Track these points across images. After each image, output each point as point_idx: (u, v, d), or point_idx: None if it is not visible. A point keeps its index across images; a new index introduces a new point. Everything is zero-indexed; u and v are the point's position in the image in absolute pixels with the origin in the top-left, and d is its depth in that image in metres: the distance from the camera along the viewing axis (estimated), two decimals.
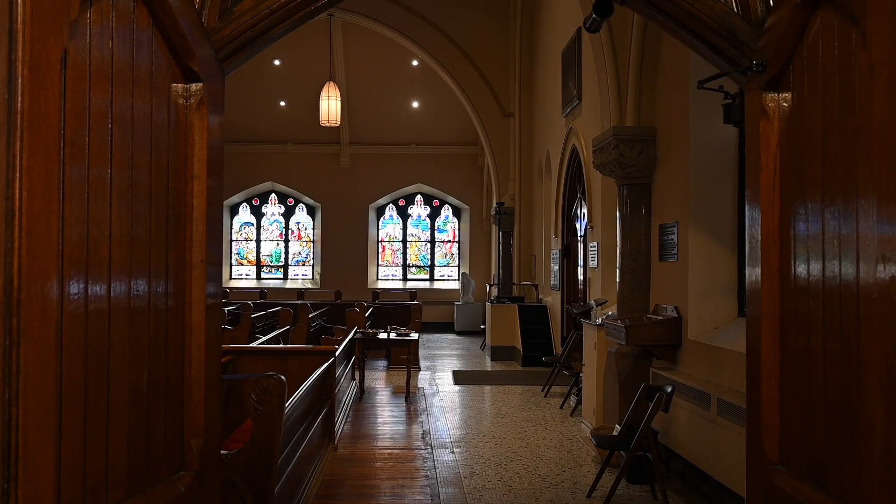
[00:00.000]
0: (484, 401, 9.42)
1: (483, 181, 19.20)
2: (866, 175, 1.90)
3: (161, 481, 2.15)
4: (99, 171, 1.80)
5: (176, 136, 2.27)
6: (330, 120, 14.53)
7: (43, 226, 1.52)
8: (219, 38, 2.53)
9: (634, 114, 6.94)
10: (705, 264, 5.93)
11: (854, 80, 1.99)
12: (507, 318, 13.09)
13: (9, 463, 1.43)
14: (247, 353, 6.76)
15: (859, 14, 1.92)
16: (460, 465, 6.20)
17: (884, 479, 1.82)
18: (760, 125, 2.53)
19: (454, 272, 20.23)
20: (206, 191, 2.38)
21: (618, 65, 7.11)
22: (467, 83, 14.97)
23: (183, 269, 2.32)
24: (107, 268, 1.83)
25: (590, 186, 9.60)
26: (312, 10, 2.78)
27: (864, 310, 1.92)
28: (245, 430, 4.73)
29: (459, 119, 17.81)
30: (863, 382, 1.93)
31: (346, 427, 7.67)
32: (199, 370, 2.36)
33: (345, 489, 5.58)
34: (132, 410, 1.98)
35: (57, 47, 1.56)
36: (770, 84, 2.50)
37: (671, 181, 6.46)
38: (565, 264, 11.43)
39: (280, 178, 19.66)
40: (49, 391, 1.54)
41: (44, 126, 1.52)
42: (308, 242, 20.27)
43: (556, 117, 11.69)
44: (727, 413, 4.83)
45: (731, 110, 4.71)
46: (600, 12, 5.25)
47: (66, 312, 1.64)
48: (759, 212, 2.54)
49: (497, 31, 15.12)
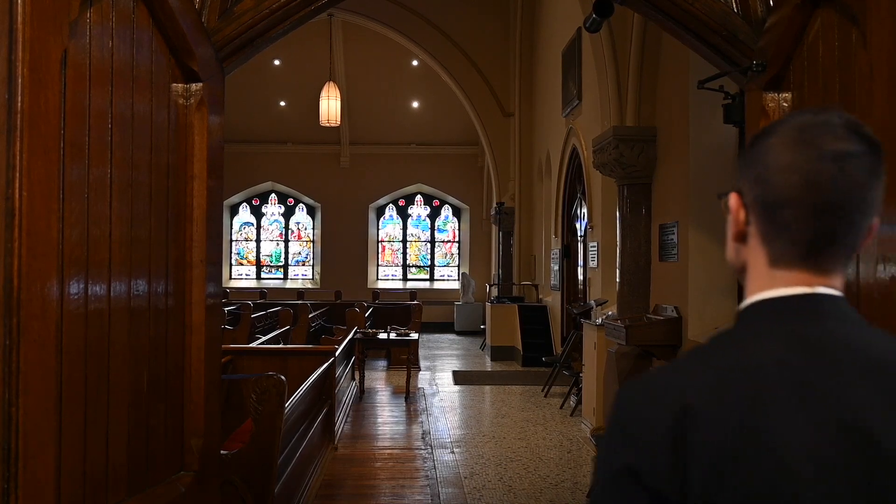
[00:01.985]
0: (484, 401, 9.42)
1: (483, 181, 19.19)
2: None
3: (161, 481, 2.15)
4: (99, 170, 1.80)
5: (176, 136, 2.27)
6: (330, 120, 14.52)
7: (43, 226, 1.52)
8: (219, 38, 2.53)
9: (634, 114, 6.94)
10: (705, 264, 5.93)
11: (854, 80, 1.99)
12: (507, 318, 13.09)
13: (9, 463, 1.43)
14: (247, 353, 6.76)
15: (859, 14, 1.92)
16: (460, 465, 6.20)
17: None
18: (761, 125, 2.53)
19: (454, 272, 20.23)
20: (206, 191, 2.38)
21: (618, 65, 7.11)
22: (467, 83, 14.96)
23: (183, 269, 2.32)
24: (107, 268, 1.83)
25: (590, 186, 9.60)
26: (312, 10, 2.78)
27: (864, 310, 1.92)
28: (245, 430, 4.73)
29: (459, 119, 17.80)
30: None
31: (346, 427, 7.67)
32: (199, 370, 2.36)
33: (345, 489, 5.58)
34: (132, 410, 1.98)
35: (57, 47, 1.56)
36: (770, 84, 2.50)
37: (671, 181, 6.46)
38: (565, 264, 11.43)
39: (280, 178, 19.66)
40: (49, 391, 1.54)
41: (44, 126, 1.52)
42: (308, 242, 20.26)
43: (556, 117, 11.69)
44: None
45: (731, 110, 4.70)
46: (600, 12, 5.25)
47: (66, 312, 1.64)
48: None
49: (497, 31, 15.11)
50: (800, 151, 0.89)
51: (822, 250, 0.90)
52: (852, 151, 0.88)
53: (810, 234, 0.90)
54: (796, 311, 0.90)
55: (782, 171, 0.90)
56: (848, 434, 0.81)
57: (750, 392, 0.84)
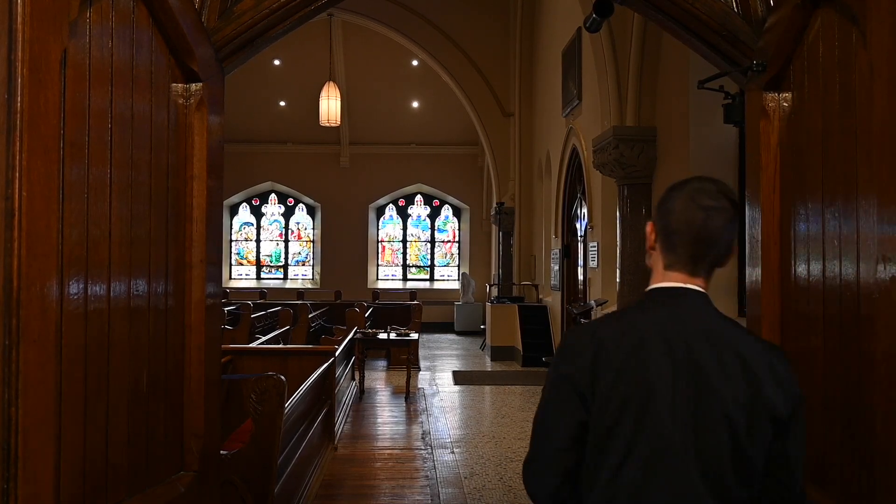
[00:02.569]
0: (484, 401, 9.42)
1: (483, 181, 19.19)
2: (866, 175, 1.90)
3: (161, 481, 2.15)
4: (99, 171, 1.80)
5: (176, 136, 2.27)
6: (330, 120, 14.52)
7: (43, 226, 1.52)
8: (219, 37, 2.53)
9: (634, 114, 6.94)
10: None
11: (854, 80, 1.99)
12: (507, 318, 13.09)
13: (9, 463, 1.43)
14: (247, 353, 6.76)
15: (859, 14, 1.92)
16: (460, 465, 6.20)
17: (884, 480, 1.82)
18: (760, 125, 2.53)
19: (454, 272, 20.23)
20: (206, 191, 2.37)
21: (618, 65, 7.11)
22: (467, 83, 14.95)
23: (183, 269, 2.32)
24: (106, 268, 1.83)
25: (590, 186, 9.60)
26: (312, 9, 2.78)
27: (864, 310, 1.92)
28: (245, 430, 4.73)
29: (459, 119, 17.80)
30: (863, 383, 1.93)
31: (346, 427, 7.67)
32: (199, 370, 2.36)
33: (345, 489, 5.58)
34: (132, 410, 1.98)
35: (57, 47, 1.56)
36: (770, 84, 2.50)
37: (671, 181, 6.45)
38: (565, 264, 11.43)
39: (280, 178, 19.66)
40: (49, 391, 1.54)
41: (44, 126, 1.52)
42: (308, 242, 20.26)
43: (556, 117, 11.69)
44: None
45: (731, 110, 4.71)
46: (600, 12, 5.25)
47: (65, 312, 1.64)
48: (760, 212, 2.54)
49: (497, 31, 15.10)
50: (687, 204, 1.49)
51: (695, 264, 1.50)
52: (717, 207, 1.47)
53: (688, 253, 1.49)
54: (674, 297, 1.50)
55: (676, 214, 1.50)
56: (688, 366, 1.42)
57: (637, 337, 1.45)
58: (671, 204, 1.51)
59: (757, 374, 1.41)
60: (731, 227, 1.48)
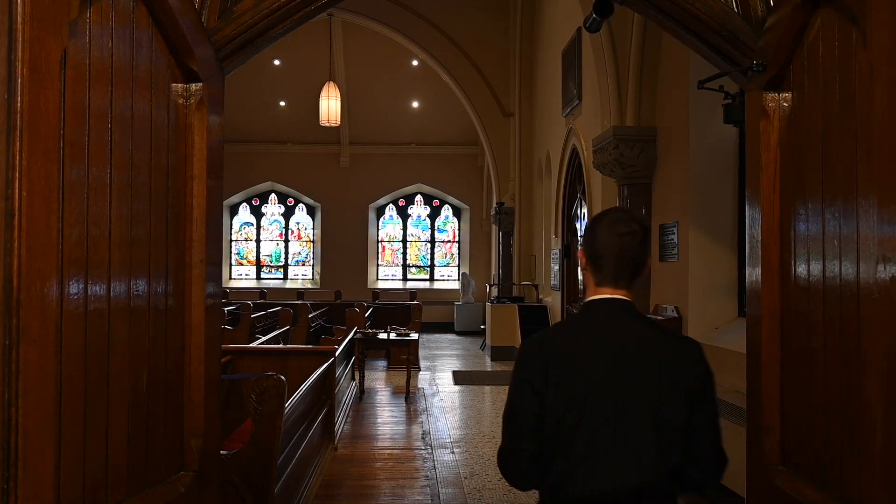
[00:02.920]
0: (484, 401, 9.42)
1: (483, 181, 19.19)
2: (866, 175, 1.89)
3: (161, 481, 2.15)
4: (98, 171, 1.80)
5: (176, 136, 2.27)
6: (330, 120, 14.52)
7: (43, 226, 1.52)
8: (219, 37, 2.53)
9: (634, 114, 6.94)
10: (705, 264, 5.92)
11: (854, 81, 1.99)
12: (507, 319, 13.09)
13: (9, 463, 1.43)
14: (247, 353, 6.76)
15: (859, 14, 1.92)
16: (460, 465, 6.20)
17: (884, 480, 1.82)
18: (760, 125, 2.53)
19: (454, 272, 20.23)
20: (206, 191, 2.37)
21: (618, 65, 7.11)
22: (467, 83, 14.95)
23: (183, 270, 2.32)
24: (106, 268, 1.83)
25: (590, 186, 9.60)
26: (312, 9, 2.78)
27: (864, 310, 1.92)
28: (245, 430, 4.73)
29: (459, 119, 17.80)
30: (863, 383, 1.93)
31: (346, 427, 7.67)
32: (199, 370, 2.36)
33: (345, 489, 5.58)
34: (132, 410, 1.98)
35: (57, 47, 1.56)
36: (770, 84, 2.50)
37: (671, 181, 6.46)
38: (565, 264, 11.42)
39: (280, 178, 19.66)
40: (49, 391, 1.54)
41: (43, 126, 1.52)
42: (308, 242, 20.26)
43: (556, 117, 11.69)
44: (727, 413, 4.83)
45: (731, 110, 4.71)
46: (600, 12, 5.25)
47: (65, 312, 1.64)
48: (760, 212, 2.54)
49: (497, 31, 15.10)
50: (607, 233, 1.88)
51: (617, 279, 1.89)
52: (629, 232, 1.87)
53: (612, 271, 1.89)
54: (605, 305, 1.90)
55: (599, 241, 1.89)
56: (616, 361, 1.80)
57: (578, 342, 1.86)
58: (595, 233, 1.90)
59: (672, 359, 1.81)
60: (642, 247, 1.89)
